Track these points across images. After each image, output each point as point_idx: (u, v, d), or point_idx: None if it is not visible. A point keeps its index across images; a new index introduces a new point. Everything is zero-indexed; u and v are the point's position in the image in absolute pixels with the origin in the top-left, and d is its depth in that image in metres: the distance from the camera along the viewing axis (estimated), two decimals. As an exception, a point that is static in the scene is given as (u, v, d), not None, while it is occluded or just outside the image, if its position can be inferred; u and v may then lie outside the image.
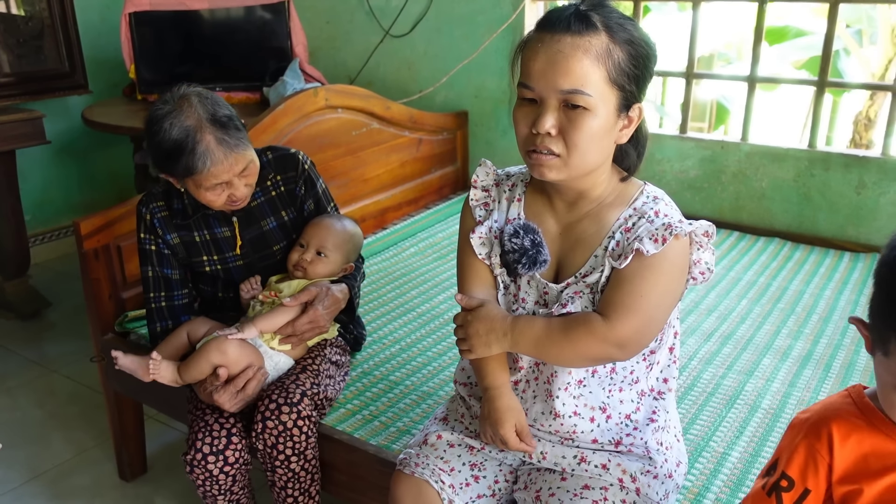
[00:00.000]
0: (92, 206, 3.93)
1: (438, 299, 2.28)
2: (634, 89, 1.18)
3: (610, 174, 1.27)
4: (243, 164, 1.59)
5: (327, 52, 3.74)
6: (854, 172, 2.64)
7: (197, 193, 1.61)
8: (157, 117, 1.53)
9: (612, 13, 1.17)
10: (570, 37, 1.14)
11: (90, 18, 3.55)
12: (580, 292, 1.25)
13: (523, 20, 3.13)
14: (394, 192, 3.03)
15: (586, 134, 1.15)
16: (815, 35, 5.12)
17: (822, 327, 2.07)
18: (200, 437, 1.56)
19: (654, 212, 1.22)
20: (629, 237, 1.21)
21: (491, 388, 1.29)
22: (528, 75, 1.18)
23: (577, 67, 1.13)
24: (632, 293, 1.18)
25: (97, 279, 1.99)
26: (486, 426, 1.29)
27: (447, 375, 1.86)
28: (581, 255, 1.26)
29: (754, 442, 1.58)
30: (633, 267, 1.18)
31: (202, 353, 1.56)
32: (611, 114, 1.17)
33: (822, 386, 1.78)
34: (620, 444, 1.29)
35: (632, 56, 1.16)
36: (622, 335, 1.18)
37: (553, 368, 1.27)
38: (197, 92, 1.57)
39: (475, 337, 1.26)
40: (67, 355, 2.89)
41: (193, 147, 1.51)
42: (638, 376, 1.30)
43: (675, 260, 1.19)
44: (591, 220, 1.26)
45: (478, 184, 1.37)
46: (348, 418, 1.70)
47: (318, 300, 1.65)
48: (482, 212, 1.36)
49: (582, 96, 1.13)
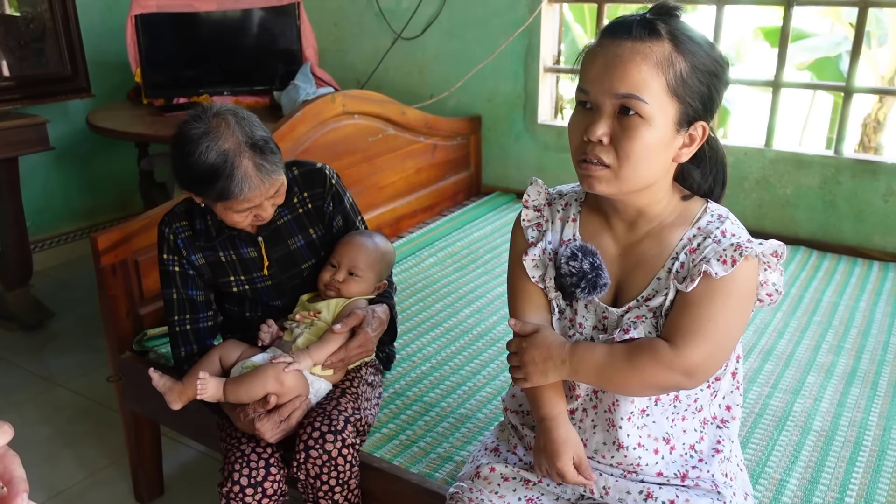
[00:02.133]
0: (93, 212, 3.84)
1: (465, 313, 2.21)
2: (698, 105, 1.11)
3: (670, 192, 1.20)
4: (276, 188, 1.53)
5: (335, 55, 3.66)
6: (882, 180, 2.59)
7: (223, 215, 1.54)
8: (191, 137, 1.45)
9: (681, 25, 1.10)
10: (630, 42, 1.08)
11: (91, 20, 3.45)
12: (642, 317, 1.18)
13: (539, 23, 3.06)
14: (409, 200, 2.96)
15: (639, 144, 1.09)
16: (820, 36, 5.08)
17: (863, 342, 2.02)
18: (237, 468, 1.49)
19: (721, 231, 1.15)
20: (695, 258, 1.14)
21: (547, 419, 1.21)
22: (584, 79, 1.12)
23: (634, 72, 1.07)
24: (700, 318, 1.12)
25: (115, 296, 1.91)
26: (542, 458, 1.23)
27: (483, 396, 1.79)
28: (642, 278, 1.20)
29: (811, 467, 1.52)
30: (701, 290, 1.12)
31: (258, 378, 1.48)
32: (668, 127, 1.10)
33: (871, 406, 1.73)
34: (686, 477, 1.22)
35: (697, 69, 1.09)
36: (691, 362, 1.11)
37: (615, 397, 1.21)
38: (233, 111, 1.50)
39: (531, 365, 1.19)
40: (73, 368, 2.80)
41: (231, 172, 1.43)
42: (702, 404, 1.24)
43: (745, 282, 1.13)
44: (653, 240, 1.20)
45: (529, 203, 1.30)
46: (385, 444, 1.63)
47: (367, 323, 1.58)
48: (535, 232, 1.29)
49: (637, 102, 1.07)
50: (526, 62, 3.15)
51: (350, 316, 1.57)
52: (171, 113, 3.06)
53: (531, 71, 3.16)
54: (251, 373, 1.52)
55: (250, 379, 1.51)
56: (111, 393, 2.51)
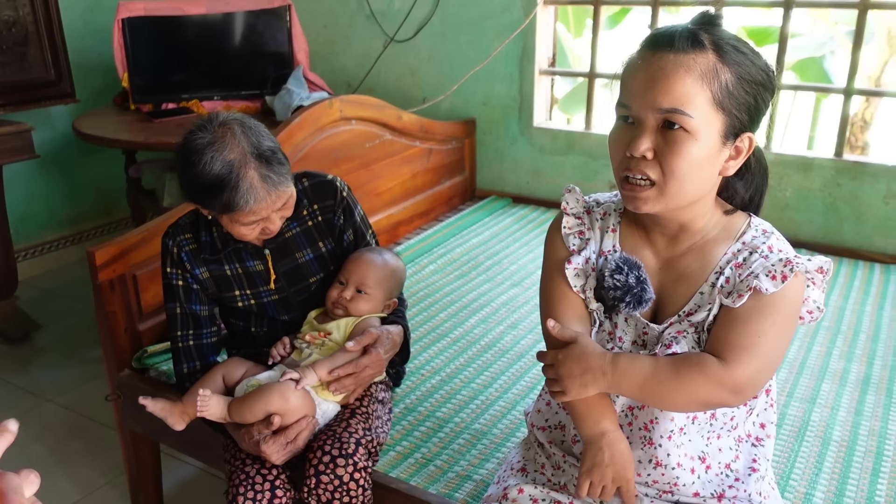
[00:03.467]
0: (77, 220, 3.75)
1: (470, 322, 2.17)
2: (744, 117, 1.08)
3: (714, 207, 1.17)
4: (284, 200, 1.47)
5: (325, 58, 3.60)
6: (882, 182, 2.59)
7: (230, 227, 1.49)
8: (195, 147, 1.39)
9: (724, 34, 1.07)
10: (673, 54, 1.04)
11: (73, 23, 3.36)
12: (684, 332, 1.15)
13: (535, 25, 3.03)
14: (406, 205, 2.91)
15: (685, 159, 1.05)
16: (804, 36, 5.10)
17: (873, 347, 2.01)
18: (242, 490, 1.44)
19: (768, 247, 1.12)
20: (741, 273, 1.11)
21: (610, 432, 1.15)
22: (626, 94, 1.09)
23: (678, 85, 1.03)
24: (749, 333, 1.08)
25: (113, 311, 1.84)
26: (606, 473, 1.15)
27: (497, 410, 1.75)
28: (684, 293, 1.16)
29: (835, 479, 1.50)
30: (750, 306, 1.09)
31: (261, 397, 1.43)
32: (714, 140, 1.07)
33: (889, 414, 1.72)
34: (723, 497, 1.19)
35: (742, 80, 1.06)
36: (740, 379, 1.08)
37: (654, 413, 1.17)
38: (239, 120, 1.44)
39: (569, 378, 1.14)
40: (62, 382, 2.72)
41: (237, 184, 1.38)
42: (737, 422, 1.21)
43: (793, 298, 1.10)
44: (695, 255, 1.17)
45: (569, 211, 1.26)
46: (400, 463, 1.58)
47: (380, 343, 1.53)
48: (577, 240, 1.24)
49: (682, 116, 1.03)
50: (521, 65, 3.12)
51: (364, 334, 1.52)
52: (161, 119, 2.98)
53: (526, 73, 3.12)
54: (255, 391, 1.47)
55: (254, 397, 1.46)
56: (104, 409, 2.44)
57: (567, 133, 3.13)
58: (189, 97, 3.11)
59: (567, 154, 3.13)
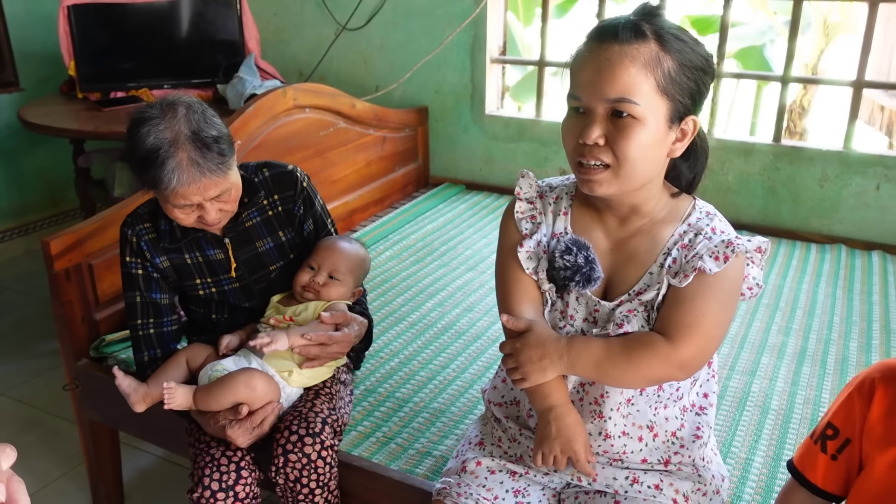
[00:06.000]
0: (21, 211, 3.67)
1: (427, 307, 2.22)
2: (688, 101, 1.15)
3: (661, 189, 1.24)
4: (217, 190, 1.45)
5: (275, 46, 3.59)
6: (817, 166, 2.71)
7: (165, 207, 1.49)
8: (137, 120, 1.41)
9: (665, 23, 1.13)
10: (618, 45, 1.10)
11: (15, 9, 3.29)
12: (634, 310, 1.21)
13: (486, 14, 3.07)
14: (360, 193, 2.94)
15: (635, 144, 1.12)
16: (746, 26, 5.26)
17: (809, 322, 2.12)
18: (207, 472, 1.46)
19: (711, 228, 1.19)
20: (687, 254, 1.18)
21: (557, 406, 1.21)
22: (575, 85, 1.15)
23: (623, 75, 1.09)
24: (694, 313, 1.16)
25: (69, 301, 1.84)
26: (554, 445, 1.21)
27: (455, 390, 1.81)
28: (634, 272, 1.23)
29: (773, 445, 1.60)
30: (695, 286, 1.16)
31: (228, 387, 1.45)
32: (661, 124, 1.13)
33: (822, 384, 1.82)
34: (669, 462, 1.27)
35: (684, 66, 1.12)
36: (686, 356, 1.15)
37: (604, 388, 1.24)
38: (187, 103, 1.44)
39: (528, 364, 1.20)
40: (12, 376, 2.68)
41: (163, 161, 1.38)
42: (682, 392, 1.29)
43: (734, 277, 1.18)
44: (644, 236, 1.23)
45: (522, 195, 1.31)
46: (362, 442, 1.62)
47: (350, 327, 1.57)
48: (529, 224, 1.30)
49: (629, 104, 1.10)
50: (472, 53, 3.16)
51: (339, 312, 1.56)
52: (109, 108, 2.94)
53: (478, 62, 3.17)
54: (221, 380, 1.49)
55: (220, 387, 1.48)
56: (59, 401, 2.43)
57: (518, 121, 3.19)
58: (138, 85, 3.07)
59: (519, 141, 3.19)
